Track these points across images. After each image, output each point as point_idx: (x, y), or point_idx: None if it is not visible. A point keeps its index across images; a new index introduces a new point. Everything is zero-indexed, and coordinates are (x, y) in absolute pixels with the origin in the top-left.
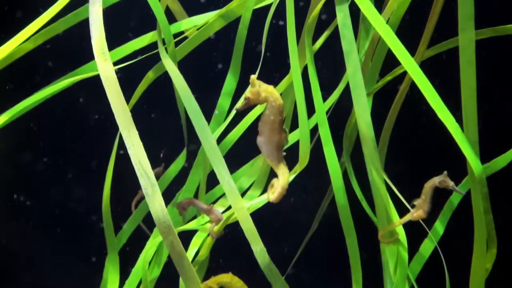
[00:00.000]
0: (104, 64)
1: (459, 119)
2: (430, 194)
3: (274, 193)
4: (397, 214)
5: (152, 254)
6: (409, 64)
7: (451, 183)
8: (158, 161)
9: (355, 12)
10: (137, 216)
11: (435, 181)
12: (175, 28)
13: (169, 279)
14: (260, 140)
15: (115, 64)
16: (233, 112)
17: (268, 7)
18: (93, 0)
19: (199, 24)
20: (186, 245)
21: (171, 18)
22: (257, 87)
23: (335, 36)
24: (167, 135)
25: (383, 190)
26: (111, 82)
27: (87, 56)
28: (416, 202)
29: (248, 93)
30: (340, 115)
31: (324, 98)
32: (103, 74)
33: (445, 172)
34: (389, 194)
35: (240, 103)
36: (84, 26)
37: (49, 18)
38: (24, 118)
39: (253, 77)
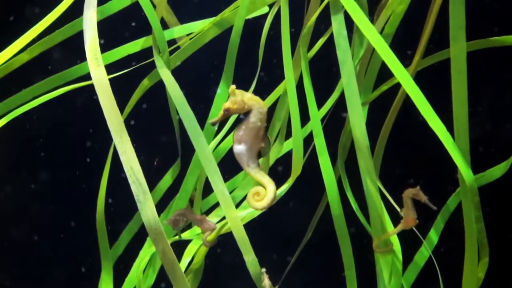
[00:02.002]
0: (97, 69)
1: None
2: (410, 203)
3: (263, 201)
4: (392, 223)
5: (146, 263)
6: (401, 75)
7: (424, 198)
8: (151, 168)
9: (349, 19)
10: (131, 228)
11: (410, 192)
12: (168, 34)
13: None
14: (241, 148)
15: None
16: (230, 121)
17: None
18: (87, 5)
19: (194, 31)
20: (180, 254)
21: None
22: (240, 96)
23: (330, 43)
24: (162, 142)
25: (378, 200)
26: (103, 88)
27: None
28: (402, 213)
29: (228, 104)
30: (335, 122)
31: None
32: (96, 79)
33: (418, 187)
34: (384, 202)
35: (217, 117)
36: None
37: (43, 28)
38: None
39: (233, 87)
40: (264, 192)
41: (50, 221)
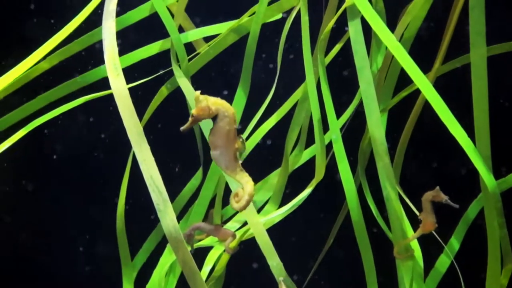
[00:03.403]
0: (116, 79)
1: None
2: (429, 207)
3: (240, 202)
4: (413, 229)
5: (167, 270)
6: (421, 81)
7: (444, 197)
8: (172, 176)
9: (366, 25)
10: (153, 240)
11: (429, 195)
12: (184, 37)
13: None
14: (216, 153)
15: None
16: (251, 125)
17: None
18: (106, 16)
19: (209, 34)
20: (201, 262)
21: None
22: (205, 102)
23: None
24: (183, 150)
25: (398, 206)
26: (123, 97)
27: None
28: (421, 217)
29: (194, 110)
30: (356, 129)
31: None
32: (115, 89)
33: (437, 187)
34: (404, 208)
35: (186, 124)
36: None
37: (62, 38)
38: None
39: (197, 93)
40: (242, 193)
41: (68, 230)
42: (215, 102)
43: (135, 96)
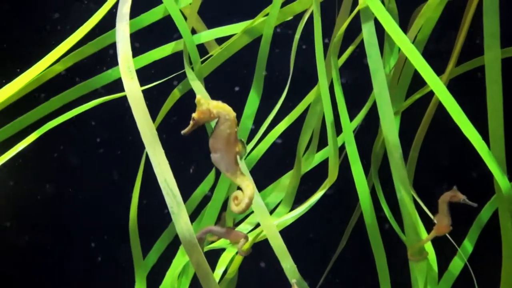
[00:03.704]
0: (130, 82)
1: None
2: (445, 208)
3: (240, 204)
4: (426, 231)
5: (179, 272)
6: (434, 83)
7: (461, 197)
8: (186, 178)
9: (379, 27)
10: (165, 238)
11: (447, 196)
12: (196, 39)
13: None
14: (216, 156)
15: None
16: (262, 128)
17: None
18: (120, 18)
19: (221, 35)
20: (213, 264)
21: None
22: (206, 105)
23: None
24: (196, 152)
25: (412, 208)
26: (137, 101)
27: None
28: (436, 219)
29: (195, 114)
30: (369, 130)
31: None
32: (129, 92)
33: (455, 187)
34: (418, 210)
35: (187, 127)
36: None
37: (76, 40)
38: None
39: (199, 97)
40: (242, 196)
41: (84, 231)
42: (216, 106)
43: (150, 98)
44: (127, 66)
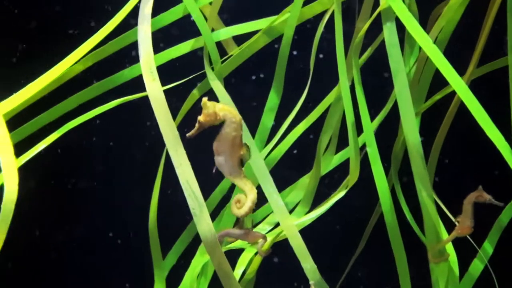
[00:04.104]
0: (152, 83)
1: None
2: (470, 210)
3: (242, 208)
4: (447, 232)
5: (198, 272)
6: (457, 84)
7: (487, 197)
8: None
9: (399, 28)
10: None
11: (472, 197)
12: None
13: None
14: (221, 159)
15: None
16: (281, 129)
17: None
18: (141, 19)
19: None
20: (233, 263)
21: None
22: (211, 108)
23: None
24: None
25: (432, 209)
26: (159, 102)
27: None
28: (459, 219)
29: (201, 116)
30: (388, 131)
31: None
32: (151, 93)
33: (480, 187)
34: (438, 211)
35: (193, 130)
36: None
37: (98, 40)
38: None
39: (205, 99)
40: (244, 200)
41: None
42: (222, 108)
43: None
44: (149, 67)
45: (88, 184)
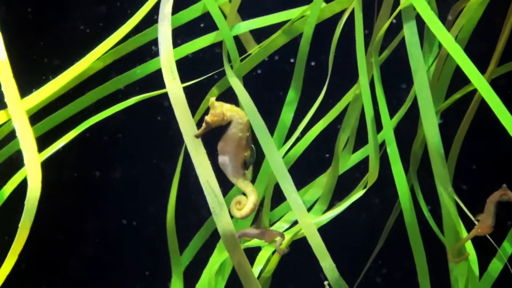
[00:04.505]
0: (172, 83)
1: None
2: (492, 209)
3: (243, 210)
4: (467, 232)
5: (216, 270)
6: (480, 82)
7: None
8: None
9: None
10: (202, 235)
11: (496, 195)
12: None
13: None
14: (225, 159)
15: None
16: (299, 128)
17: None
18: (162, 18)
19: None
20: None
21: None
22: (219, 108)
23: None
24: None
25: (452, 208)
26: (179, 101)
27: None
28: (480, 218)
29: (208, 116)
30: (406, 129)
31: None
32: (172, 93)
33: (504, 185)
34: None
35: (199, 130)
36: None
37: (119, 38)
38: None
39: (213, 99)
40: (245, 201)
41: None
42: (230, 109)
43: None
44: (169, 67)
45: (108, 176)
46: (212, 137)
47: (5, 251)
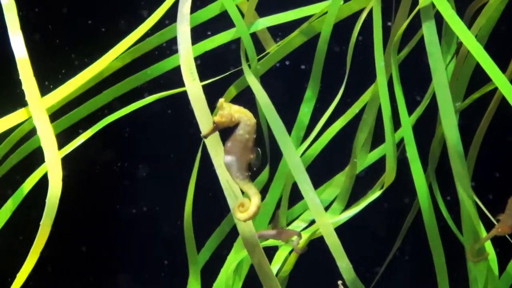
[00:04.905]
0: (192, 84)
1: None
2: None
3: (246, 212)
4: (486, 232)
5: (233, 270)
6: (501, 82)
7: None
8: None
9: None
10: (220, 233)
11: None
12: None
13: None
14: (230, 159)
15: None
16: (317, 127)
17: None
18: (180, 19)
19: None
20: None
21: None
22: (227, 109)
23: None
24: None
25: (472, 208)
26: (199, 102)
27: None
28: (501, 217)
29: (216, 117)
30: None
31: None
32: (191, 94)
33: None
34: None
35: (207, 130)
36: None
37: (137, 38)
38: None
39: (222, 100)
40: (248, 204)
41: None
42: (238, 110)
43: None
44: (188, 68)
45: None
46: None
47: (20, 249)
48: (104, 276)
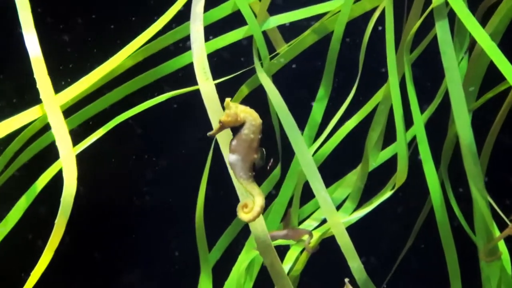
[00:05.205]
0: (205, 83)
1: None
2: None
3: (250, 213)
4: (499, 231)
5: (245, 268)
6: None
7: None
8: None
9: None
10: (231, 232)
11: None
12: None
13: None
14: (234, 159)
15: None
16: (330, 126)
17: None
18: (193, 18)
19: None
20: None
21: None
22: (233, 109)
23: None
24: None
25: (485, 207)
26: (212, 101)
27: None
28: None
29: (222, 117)
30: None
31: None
32: (205, 93)
33: None
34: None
35: (213, 130)
36: None
37: (149, 37)
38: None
39: (228, 100)
40: (252, 204)
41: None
42: (244, 110)
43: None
44: (202, 67)
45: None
46: None
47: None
48: (114, 274)
